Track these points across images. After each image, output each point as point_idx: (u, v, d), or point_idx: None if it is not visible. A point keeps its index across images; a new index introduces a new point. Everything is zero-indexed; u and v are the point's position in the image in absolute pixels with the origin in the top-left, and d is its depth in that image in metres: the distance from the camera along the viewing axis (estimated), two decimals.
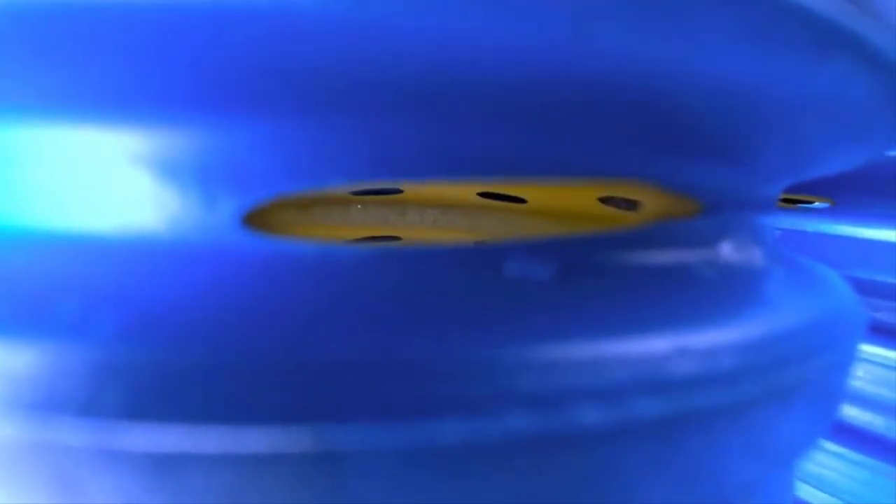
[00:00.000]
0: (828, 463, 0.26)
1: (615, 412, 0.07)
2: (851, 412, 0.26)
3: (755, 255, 0.11)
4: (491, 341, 0.07)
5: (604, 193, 0.17)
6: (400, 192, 0.21)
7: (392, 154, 0.08)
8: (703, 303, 0.09)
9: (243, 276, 0.07)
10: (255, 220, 0.08)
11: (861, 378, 0.26)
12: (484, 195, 0.21)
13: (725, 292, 0.09)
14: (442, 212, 0.22)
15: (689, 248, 0.10)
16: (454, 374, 0.06)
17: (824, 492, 0.27)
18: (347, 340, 0.06)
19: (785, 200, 0.29)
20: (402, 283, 0.07)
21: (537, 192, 0.20)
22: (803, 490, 0.27)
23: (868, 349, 0.26)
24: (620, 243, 0.09)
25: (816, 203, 0.28)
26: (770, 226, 0.13)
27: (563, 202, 0.19)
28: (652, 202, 0.11)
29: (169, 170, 0.07)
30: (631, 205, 0.16)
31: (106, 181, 0.08)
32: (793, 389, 0.09)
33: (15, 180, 0.08)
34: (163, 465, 0.06)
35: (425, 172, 0.08)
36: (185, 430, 0.06)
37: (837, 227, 0.25)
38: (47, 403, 0.06)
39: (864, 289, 0.24)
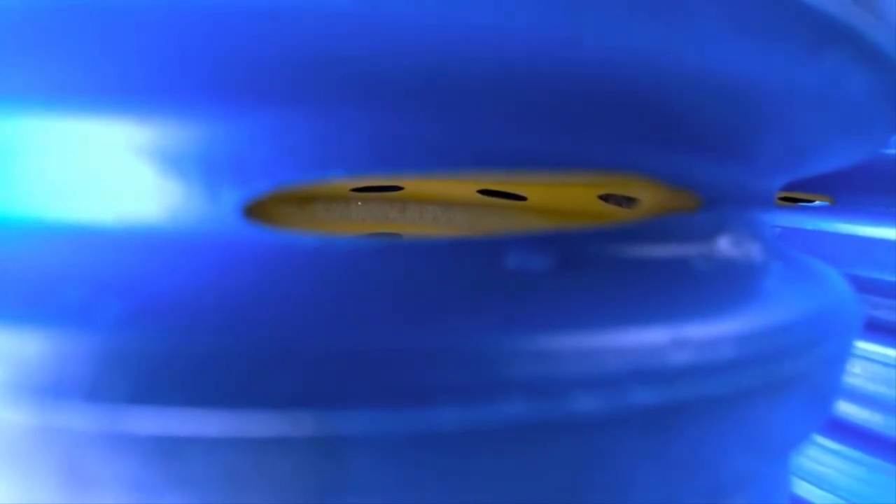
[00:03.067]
0: (826, 460, 0.26)
1: (612, 401, 0.07)
2: (850, 409, 0.26)
3: (753, 250, 0.11)
4: (490, 330, 0.07)
5: (603, 189, 0.17)
6: (400, 189, 0.21)
7: (392, 147, 0.08)
8: (700, 295, 0.09)
9: (245, 265, 0.07)
10: (256, 216, 0.08)
11: (859, 375, 0.26)
12: (484, 192, 0.21)
13: (722, 285, 0.10)
14: (442, 209, 0.22)
15: (687, 242, 0.10)
16: (453, 362, 0.06)
17: (822, 489, 0.27)
18: (348, 329, 0.07)
19: (785, 199, 0.29)
20: (401, 274, 0.08)
21: (537, 190, 0.20)
22: (801, 487, 0.28)
23: (867, 347, 0.26)
24: (619, 237, 0.09)
25: (816, 201, 0.28)
26: (768, 221, 0.13)
27: (563, 200, 0.19)
28: (651, 197, 0.11)
29: (172, 161, 0.08)
30: (631, 202, 0.16)
31: (110, 172, 0.08)
32: (788, 382, 0.09)
33: (20, 171, 0.08)
34: (166, 448, 0.06)
35: (425, 165, 0.08)
36: (187, 414, 0.06)
37: (837, 225, 0.25)
38: (54, 388, 0.06)
39: (863, 286, 0.24)
